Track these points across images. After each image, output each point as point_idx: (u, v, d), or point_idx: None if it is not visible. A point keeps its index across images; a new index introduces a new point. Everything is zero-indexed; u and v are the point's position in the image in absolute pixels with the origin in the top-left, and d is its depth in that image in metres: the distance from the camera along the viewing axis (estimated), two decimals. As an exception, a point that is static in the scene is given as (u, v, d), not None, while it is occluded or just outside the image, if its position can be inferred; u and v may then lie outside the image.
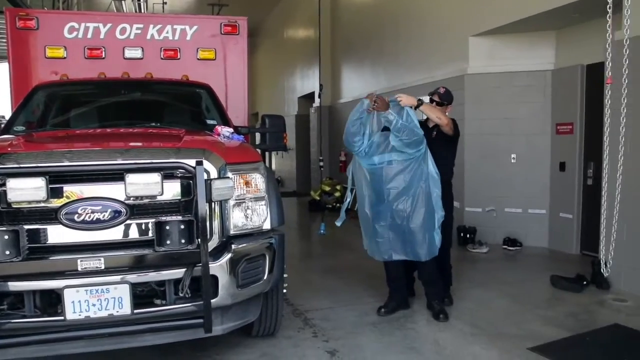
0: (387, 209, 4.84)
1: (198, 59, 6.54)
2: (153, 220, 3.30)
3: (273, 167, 20.99)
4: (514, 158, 8.18)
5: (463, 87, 8.34)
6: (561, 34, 7.88)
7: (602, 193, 5.65)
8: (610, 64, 4.85)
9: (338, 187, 13.03)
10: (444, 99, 5.16)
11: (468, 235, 8.24)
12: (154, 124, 4.79)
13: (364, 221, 5.09)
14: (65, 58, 6.19)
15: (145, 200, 3.32)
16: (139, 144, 3.80)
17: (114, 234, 3.29)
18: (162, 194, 3.28)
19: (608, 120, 5.08)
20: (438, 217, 4.81)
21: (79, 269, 3.19)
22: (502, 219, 8.30)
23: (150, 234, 3.32)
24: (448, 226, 5.18)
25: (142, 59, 6.32)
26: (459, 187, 8.01)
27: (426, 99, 5.11)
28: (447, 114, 5.12)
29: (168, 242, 3.28)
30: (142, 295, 3.40)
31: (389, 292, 5.30)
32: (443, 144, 5.02)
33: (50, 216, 3.21)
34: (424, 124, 5.05)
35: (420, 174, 4.76)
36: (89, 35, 6.33)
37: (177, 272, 3.33)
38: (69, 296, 3.16)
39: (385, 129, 4.83)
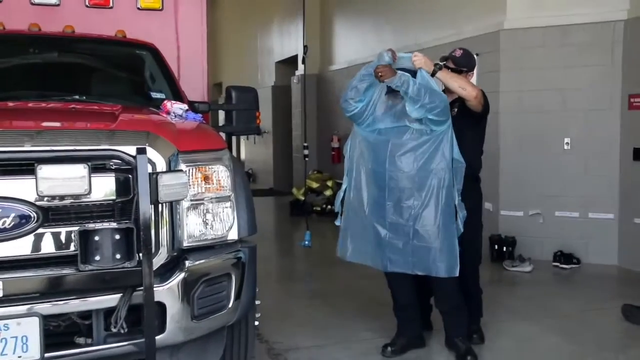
0: (388, 201, 4.82)
1: (138, 8, 6.46)
2: (76, 228, 3.23)
3: (242, 156, 20.99)
4: (567, 143, 8.22)
5: (498, 47, 8.35)
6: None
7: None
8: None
9: (329, 184, 13.02)
10: (461, 64, 5.14)
11: (505, 248, 8.28)
12: (77, 96, 4.70)
13: (353, 212, 5.08)
14: None
15: (66, 202, 3.25)
16: (57, 124, 3.72)
17: (19, 247, 3.21)
18: (89, 193, 3.21)
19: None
20: (461, 217, 4.79)
21: (-35, 297, 3.13)
22: (551, 226, 8.33)
23: (72, 248, 3.25)
24: (475, 235, 5.16)
25: (58, 5, 6.21)
26: (491, 183, 8.04)
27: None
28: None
29: (97, 258, 3.20)
30: (58, 333, 3.31)
31: (397, 325, 5.28)
32: (467, 125, 4.99)
33: None
34: None
35: (440, 158, 4.71)
36: None
37: (110, 299, 3.27)
38: (-54, 337, 3.09)
39: (392, 91, 4.82)
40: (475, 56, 5.38)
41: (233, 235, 3.72)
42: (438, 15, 9.94)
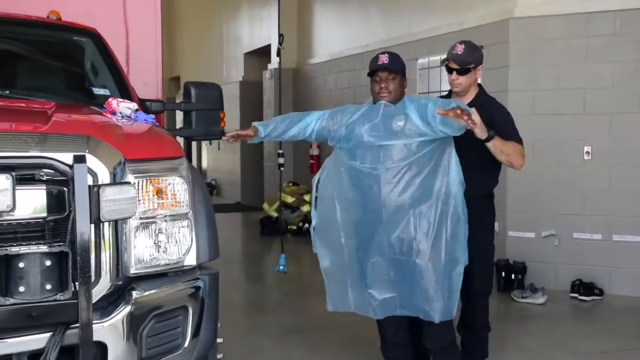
0: (384, 234, 4.78)
1: (77, -16, 6.44)
2: (-4, 253, 3.21)
3: (203, 165, 20.94)
4: (588, 153, 8.23)
5: (507, 39, 8.37)
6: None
7: None
8: None
9: (307, 198, 13.00)
10: (466, 61, 5.06)
11: (513, 276, 8.29)
12: (-1, 91, 4.69)
13: (338, 254, 5.02)
14: None
15: (-16, 220, 3.23)
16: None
17: None
18: (12, 209, 3.15)
19: None
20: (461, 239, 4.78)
21: None
22: (568, 250, 8.34)
23: (-10, 276, 3.23)
24: (486, 261, 5.14)
25: None
26: (498, 198, 7.89)
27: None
28: (477, 79, 5.15)
29: (22, 289, 3.15)
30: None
31: (385, 367, 5.27)
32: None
33: None
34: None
35: (440, 182, 4.71)
36: None
37: (36, 340, 3.19)
38: None
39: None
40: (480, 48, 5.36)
41: (191, 260, 3.70)
42: (436, 1, 9.95)
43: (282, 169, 11.02)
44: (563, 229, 8.32)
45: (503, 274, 8.28)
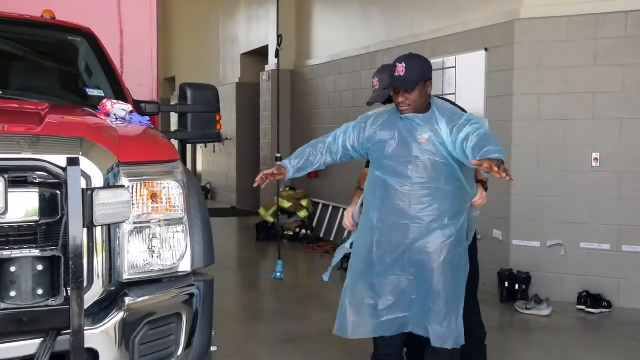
0: (406, 253, 4.76)
1: (72, -17, 6.44)
2: (-14, 257, 3.20)
3: (198, 168, 20.91)
4: (596, 159, 8.20)
5: (512, 41, 8.37)
6: None
7: None
8: None
9: (304, 203, 12.99)
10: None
11: (517, 286, 8.26)
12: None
13: (363, 269, 4.94)
14: None
15: (-26, 223, 3.21)
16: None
17: None
18: (4, 212, 3.17)
19: None
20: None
21: None
22: (575, 260, 8.32)
23: (-20, 282, 3.22)
24: (471, 256, 5.12)
25: None
26: (501, 206, 8.07)
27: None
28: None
29: (13, 294, 3.17)
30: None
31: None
32: None
33: None
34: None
35: (466, 196, 4.76)
36: None
37: (27, 346, 3.21)
38: None
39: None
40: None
41: (185, 266, 3.70)
42: (439, 1, 9.93)
43: (279, 173, 11.00)
44: (570, 238, 8.29)
45: (506, 284, 8.26)
